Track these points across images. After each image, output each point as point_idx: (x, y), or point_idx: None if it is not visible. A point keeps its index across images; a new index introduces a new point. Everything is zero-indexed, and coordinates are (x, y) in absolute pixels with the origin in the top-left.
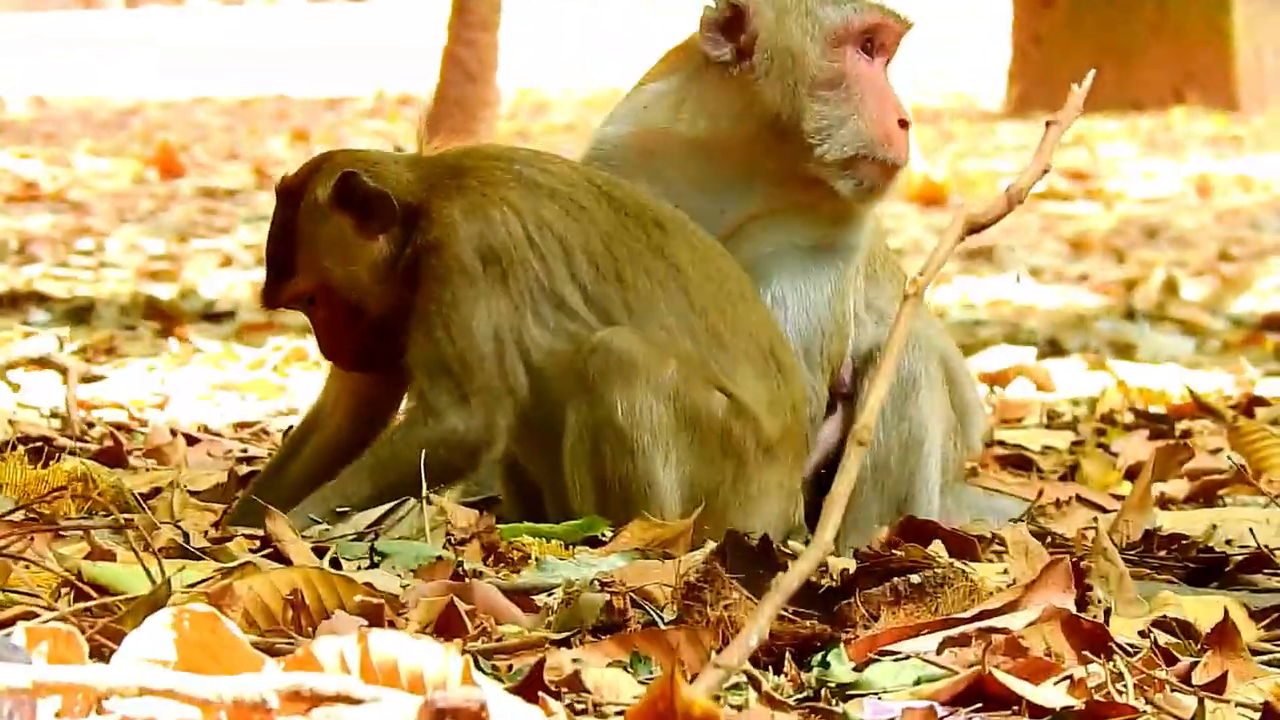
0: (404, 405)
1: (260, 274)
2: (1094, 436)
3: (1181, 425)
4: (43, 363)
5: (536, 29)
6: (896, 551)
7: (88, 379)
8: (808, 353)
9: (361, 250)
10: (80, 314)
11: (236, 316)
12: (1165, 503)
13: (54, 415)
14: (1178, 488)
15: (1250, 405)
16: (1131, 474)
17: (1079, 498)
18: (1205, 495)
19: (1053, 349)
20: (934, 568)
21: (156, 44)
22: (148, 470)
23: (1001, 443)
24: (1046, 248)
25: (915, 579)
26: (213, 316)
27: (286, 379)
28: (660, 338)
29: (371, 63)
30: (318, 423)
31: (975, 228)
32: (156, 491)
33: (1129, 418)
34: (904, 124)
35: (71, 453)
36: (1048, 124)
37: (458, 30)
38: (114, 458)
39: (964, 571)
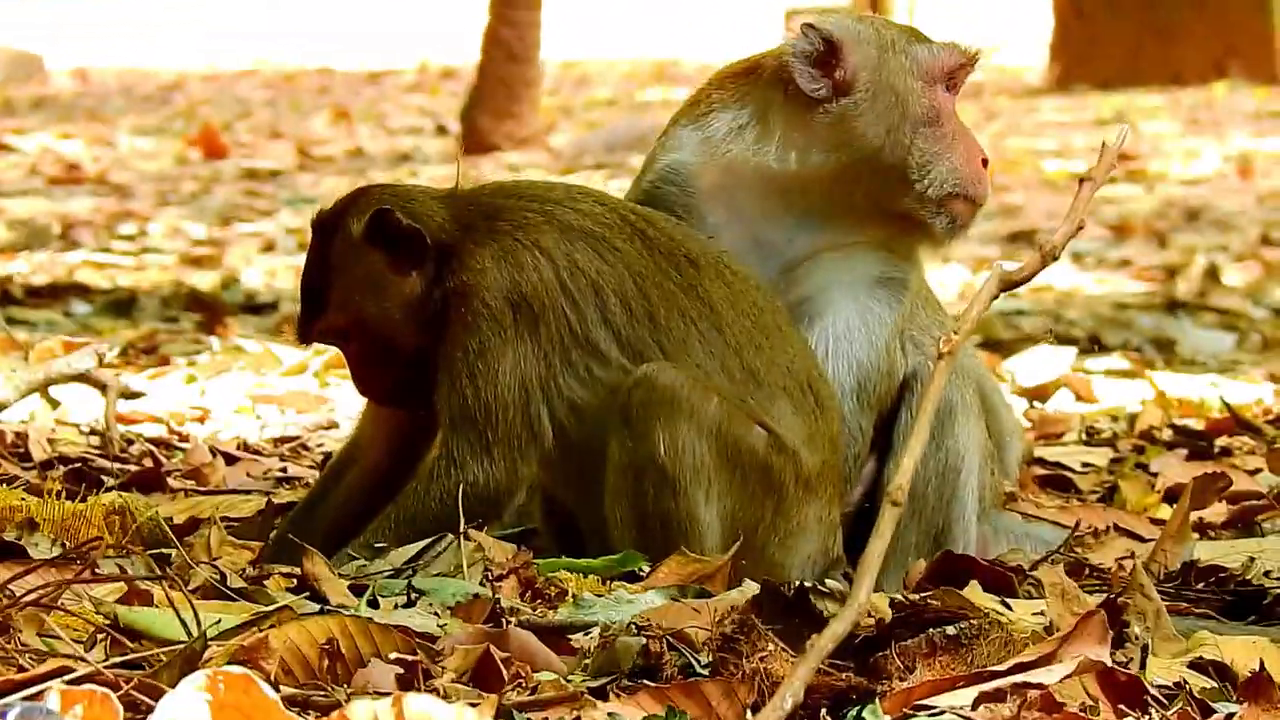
0: (431, 453)
1: (302, 259)
2: (1133, 455)
3: (1220, 441)
4: (83, 378)
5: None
6: (932, 600)
7: (127, 395)
8: (861, 390)
9: (394, 287)
10: (121, 306)
11: (279, 307)
12: (1204, 528)
13: (93, 432)
14: (1216, 512)
15: None
16: (1170, 496)
17: (1117, 527)
18: (1244, 520)
19: (1094, 345)
20: (970, 618)
21: (200, 16)
22: (186, 495)
23: (1041, 460)
24: (1088, 231)
25: (951, 630)
26: (254, 308)
27: (326, 388)
28: (698, 375)
29: (415, 35)
30: (354, 456)
31: (1009, 285)
32: (195, 523)
33: (1168, 434)
34: (985, 162)
35: (110, 475)
36: (1081, 180)
37: (500, 9)
38: (153, 479)
39: (999, 622)
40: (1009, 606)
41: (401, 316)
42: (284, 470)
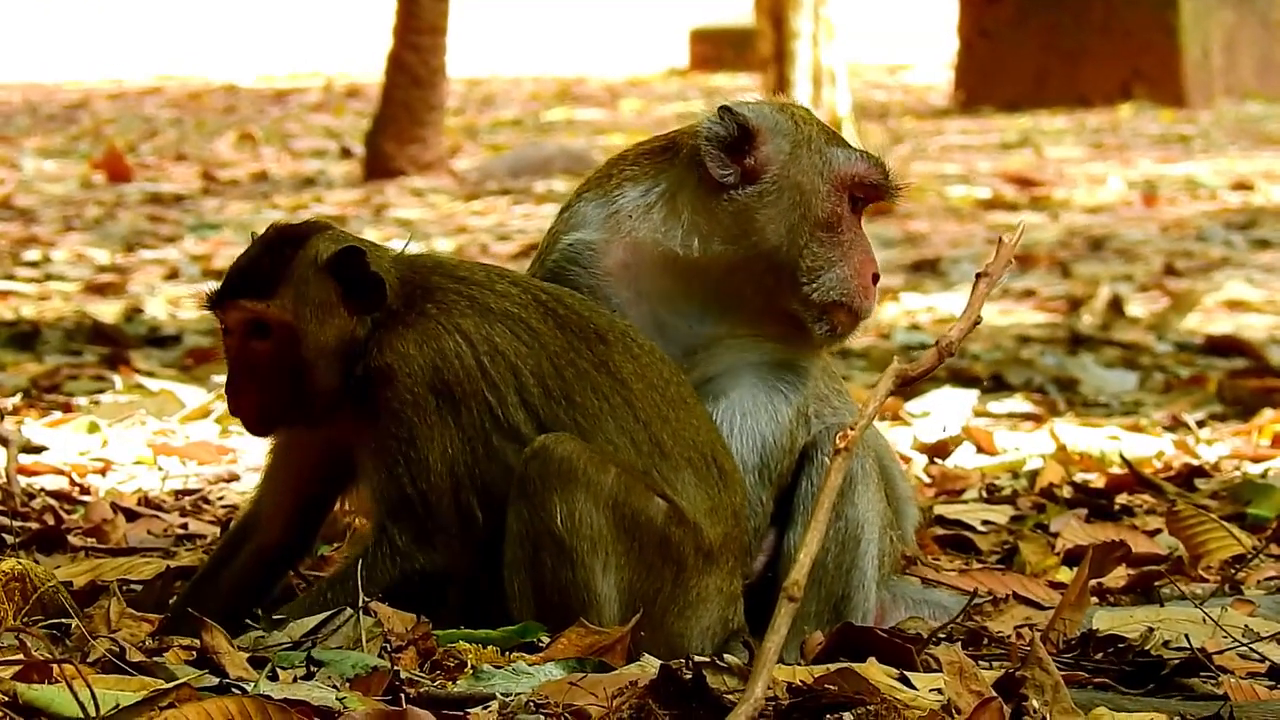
0: (367, 536)
1: (205, 287)
2: (1033, 514)
3: (1121, 499)
4: None
5: (486, 14)
6: (829, 685)
7: (29, 449)
8: (764, 466)
9: (340, 319)
10: (25, 339)
11: (182, 340)
12: (1103, 593)
13: None
14: (1116, 575)
15: (1190, 476)
16: (1070, 558)
17: (1016, 595)
18: (1143, 585)
19: (997, 384)
20: (867, 703)
21: (107, 30)
22: (87, 555)
23: (941, 519)
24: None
25: (849, 716)
26: (158, 341)
27: (228, 438)
28: (605, 449)
29: (321, 50)
30: (252, 527)
31: (905, 380)
32: (96, 588)
33: (1068, 490)
34: (876, 277)
35: (10, 533)
36: (978, 276)
37: (403, 33)
38: (54, 537)
39: (896, 706)
40: (908, 681)
41: (331, 348)
42: (184, 527)
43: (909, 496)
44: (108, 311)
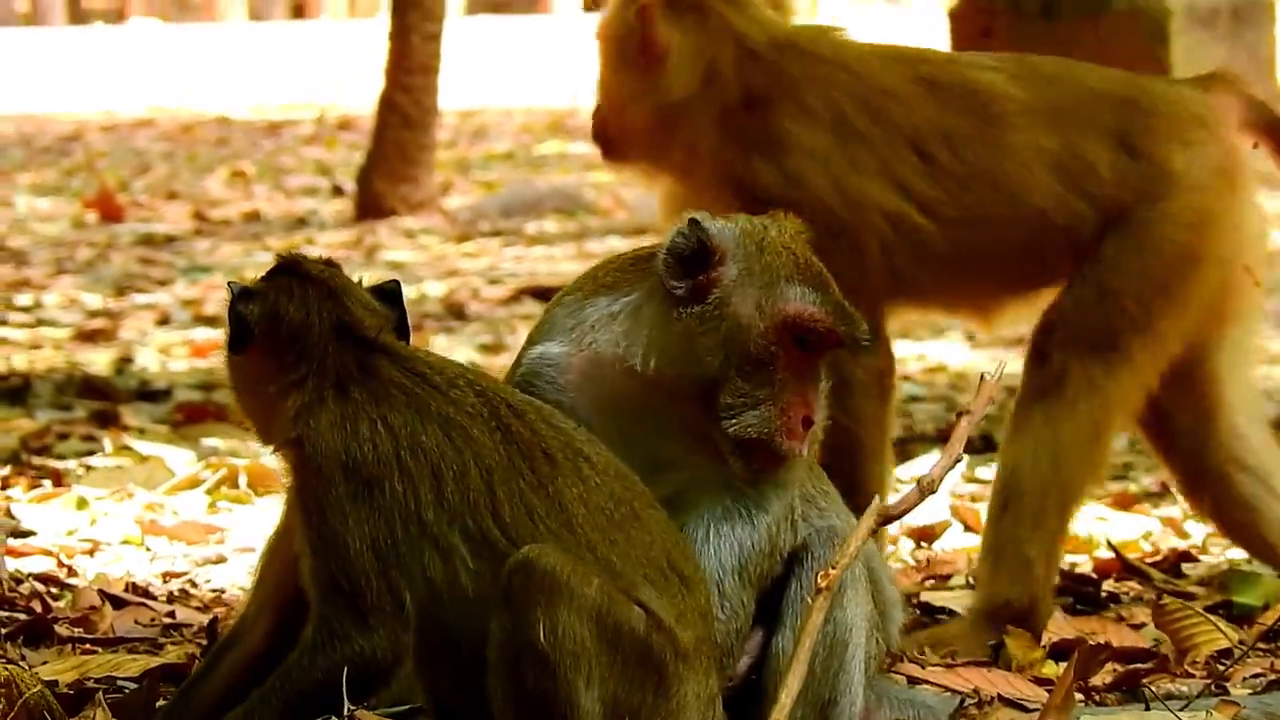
0: (308, 625)
1: (196, 333)
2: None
3: (1108, 585)
4: None
5: (477, 46)
6: None
7: (17, 533)
8: (742, 569)
9: (232, 356)
10: (16, 394)
11: (172, 395)
12: (1089, 691)
13: None
14: (1103, 671)
15: (1177, 561)
16: (1057, 651)
17: (1001, 697)
18: (1129, 683)
19: (987, 445)
20: None
21: (100, 61)
22: (74, 648)
23: (928, 607)
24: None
25: None
26: (149, 395)
27: (216, 514)
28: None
29: (314, 80)
30: (239, 634)
31: (886, 519)
32: (83, 690)
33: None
34: (809, 422)
35: None
36: (958, 415)
37: (395, 74)
38: (41, 628)
39: None
40: None
41: (240, 384)
42: (171, 614)
43: (895, 600)
44: (99, 361)
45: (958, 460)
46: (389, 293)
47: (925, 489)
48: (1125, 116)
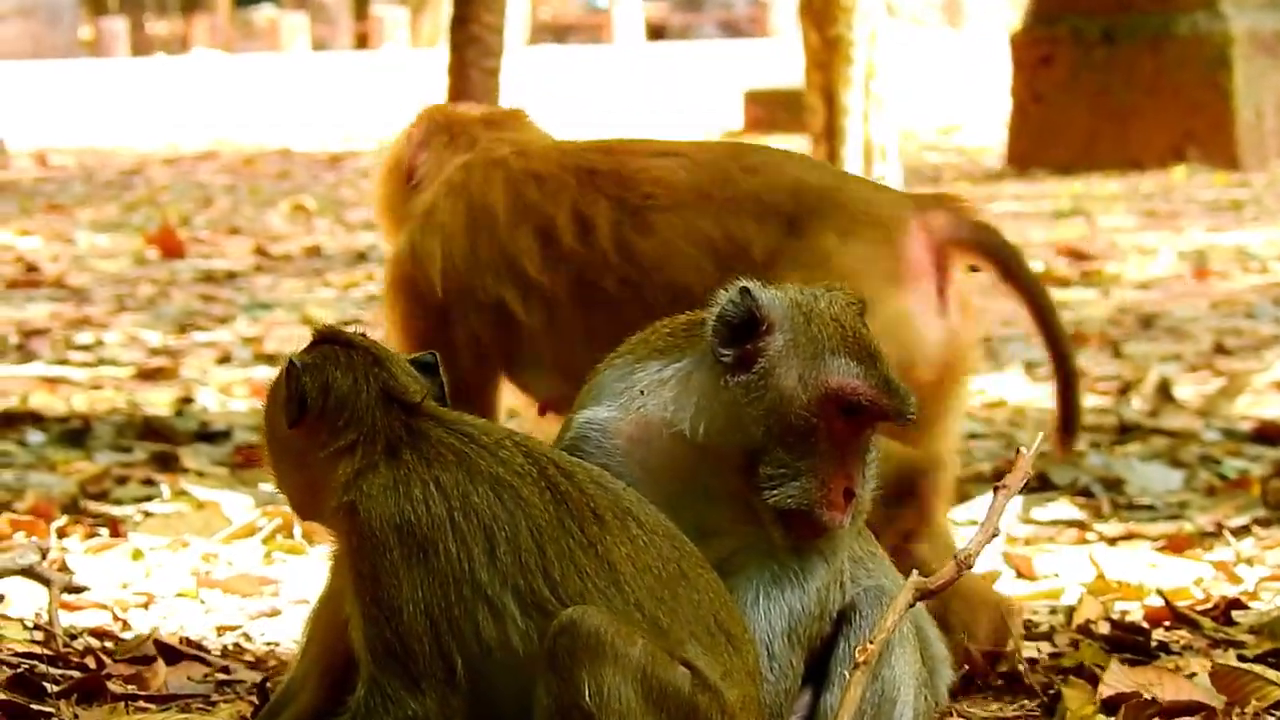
0: (359, 689)
1: (255, 372)
2: (1070, 650)
3: (1159, 634)
4: (26, 573)
5: (540, 75)
6: None
7: (72, 589)
8: (791, 632)
9: (280, 426)
10: (76, 436)
11: (232, 436)
12: None
13: (36, 627)
14: None
15: (1228, 608)
16: (1109, 705)
17: None
18: None
19: (1043, 484)
20: None
21: (163, 92)
22: (127, 707)
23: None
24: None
25: None
26: (208, 436)
27: (271, 565)
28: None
29: (376, 111)
30: (291, 695)
31: (924, 595)
32: None
33: (1105, 627)
34: (850, 494)
35: (52, 681)
36: (996, 488)
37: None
38: (94, 686)
39: None
40: None
41: (283, 452)
42: (225, 669)
43: (944, 657)
44: (159, 401)
45: (994, 535)
46: (427, 364)
47: (962, 564)
48: (804, 205)
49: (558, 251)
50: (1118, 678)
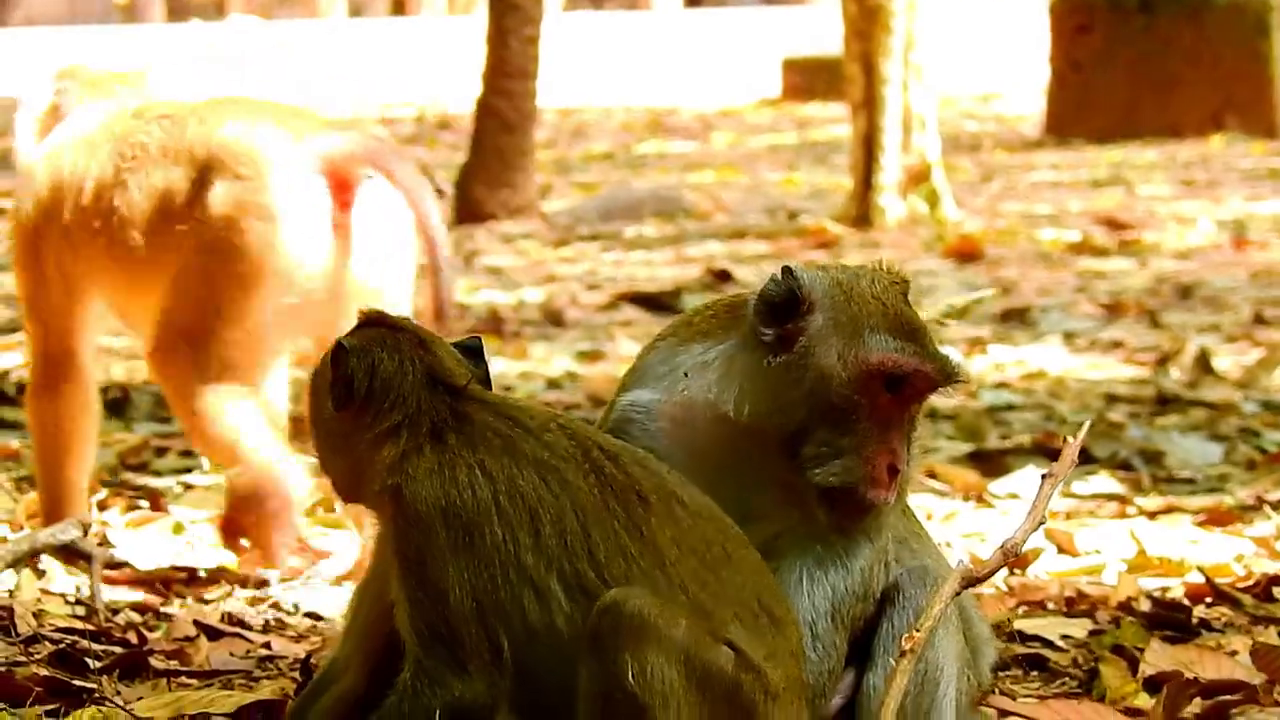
0: (405, 670)
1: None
2: (1111, 628)
3: (1199, 611)
4: (68, 549)
5: (578, 43)
6: None
7: (113, 564)
8: (835, 612)
9: (326, 409)
10: (116, 405)
11: None
12: None
13: (78, 602)
14: (1192, 705)
15: (1269, 585)
16: (1150, 684)
17: None
18: (1218, 714)
19: (1083, 458)
20: None
21: (199, 58)
22: (169, 682)
23: (1020, 634)
24: (1082, 309)
25: None
26: None
27: (311, 540)
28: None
29: (414, 78)
30: (332, 677)
31: (970, 582)
32: None
33: (1145, 604)
34: (894, 470)
35: (93, 656)
36: (1043, 477)
37: (493, 79)
38: (137, 662)
39: None
40: None
41: (327, 434)
42: (267, 645)
43: (987, 637)
44: None
45: (1041, 523)
46: (471, 348)
47: (1009, 553)
48: (212, 155)
49: (87, 202)
50: (1158, 656)
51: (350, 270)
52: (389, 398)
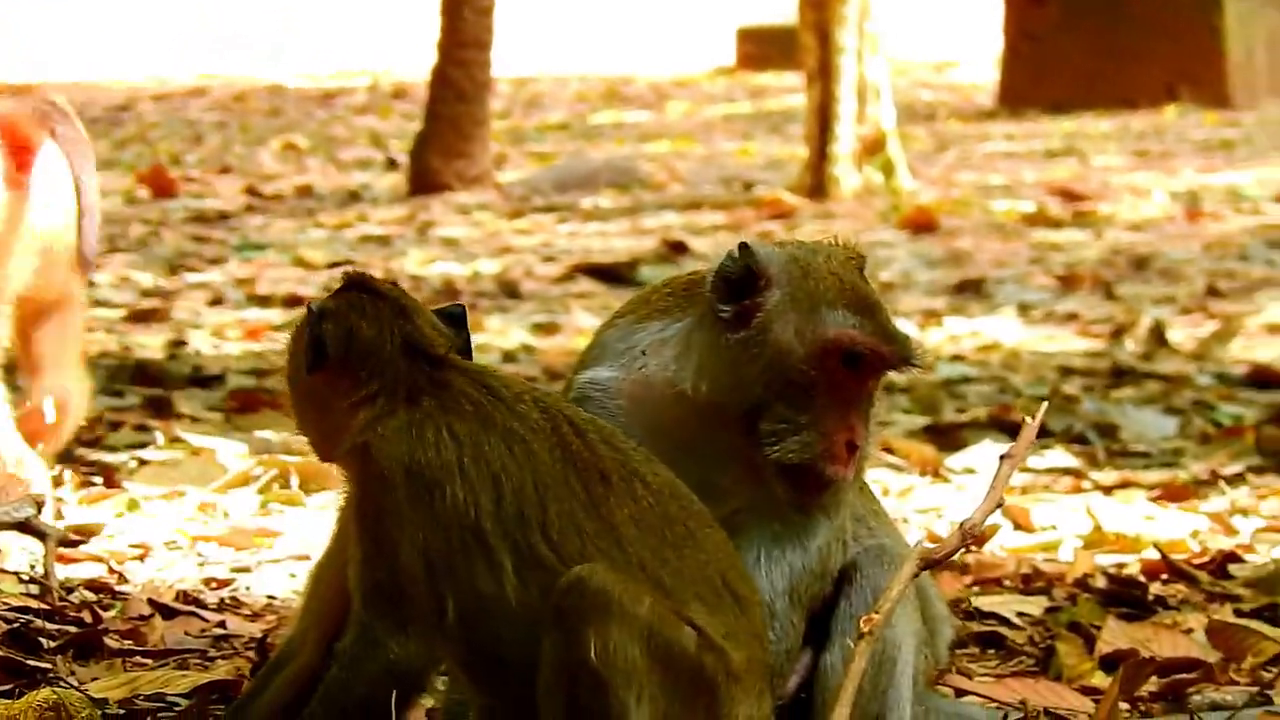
0: (348, 632)
1: (248, 314)
2: (1067, 605)
3: (1155, 588)
4: (22, 527)
5: (531, 12)
6: None
7: (67, 542)
8: (793, 591)
9: (299, 369)
10: None
11: (225, 380)
12: (1134, 701)
13: (32, 580)
14: (1149, 682)
15: (1224, 561)
16: (1107, 662)
17: (1047, 712)
18: (1174, 692)
19: (1039, 432)
20: None
21: (150, 25)
22: (124, 662)
23: (977, 611)
24: (1037, 280)
25: None
26: (202, 381)
27: (267, 516)
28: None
29: (367, 46)
30: (289, 654)
31: (928, 564)
32: (133, 707)
33: (1102, 580)
34: (853, 446)
35: (47, 636)
36: (1001, 458)
37: (448, 49)
38: (91, 640)
39: None
40: None
41: (304, 396)
42: (222, 624)
43: (944, 616)
44: (152, 344)
45: (999, 505)
46: (454, 315)
47: (967, 534)
48: None
49: None
50: (1115, 634)
51: (28, 228)
52: (366, 365)
